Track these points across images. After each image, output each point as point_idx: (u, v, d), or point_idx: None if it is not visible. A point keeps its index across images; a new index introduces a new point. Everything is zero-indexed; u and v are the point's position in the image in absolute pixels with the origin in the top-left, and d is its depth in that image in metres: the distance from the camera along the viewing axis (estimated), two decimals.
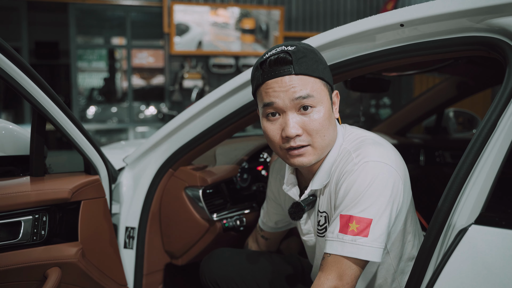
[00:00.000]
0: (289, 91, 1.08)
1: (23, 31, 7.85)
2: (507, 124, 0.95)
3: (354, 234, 1.04)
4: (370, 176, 1.06)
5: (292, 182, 1.29)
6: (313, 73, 1.10)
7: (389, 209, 1.06)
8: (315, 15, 8.87)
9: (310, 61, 1.10)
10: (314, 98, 1.09)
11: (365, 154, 1.09)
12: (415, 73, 2.10)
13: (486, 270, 0.87)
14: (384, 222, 1.05)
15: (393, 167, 1.08)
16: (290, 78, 1.09)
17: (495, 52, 1.07)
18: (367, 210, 1.04)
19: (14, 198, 1.28)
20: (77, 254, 1.39)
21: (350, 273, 1.05)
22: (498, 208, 0.93)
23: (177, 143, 1.70)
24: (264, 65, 1.12)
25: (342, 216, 1.07)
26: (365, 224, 1.04)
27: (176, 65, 8.20)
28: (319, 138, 1.11)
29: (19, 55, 1.22)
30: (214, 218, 1.72)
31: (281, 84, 1.09)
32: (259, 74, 1.13)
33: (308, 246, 1.35)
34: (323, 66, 1.14)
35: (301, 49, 1.11)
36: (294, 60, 1.08)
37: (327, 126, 1.12)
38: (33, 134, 1.37)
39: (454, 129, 2.91)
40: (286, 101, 1.09)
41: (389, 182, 1.06)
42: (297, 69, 1.08)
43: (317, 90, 1.10)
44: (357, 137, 1.18)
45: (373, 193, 1.05)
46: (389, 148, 1.13)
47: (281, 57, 1.09)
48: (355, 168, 1.08)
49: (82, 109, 8.98)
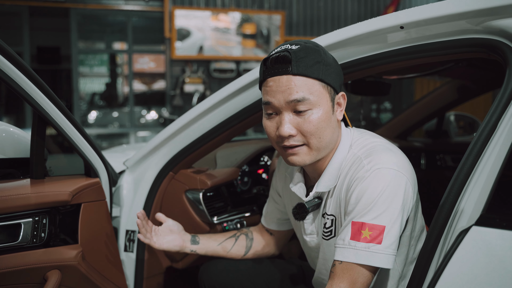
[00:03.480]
0: (285, 92, 1.09)
1: (25, 36, 7.88)
2: (507, 125, 0.95)
3: (367, 242, 1.03)
4: (382, 183, 1.06)
5: (299, 181, 1.29)
6: (311, 74, 1.09)
7: (401, 215, 1.06)
8: (316, 20, 8.90)
9: (310, 62, 1.09)
10: (310, 100, 1.09)
11: (377, 161, 1.09)
12: (416, 76, 2.10)
13: (487, 271, 0.86)
14: (397, 229, 1.05)
15: (405, 174, 1.08)
16: (288, 78, 1.09)
17: (495, 54, 1.07)
18: (380, 217, 1.04)
19: (14, 200, 1.28)
20: (77, 257, 1.39)
21: (362, 280, 1.05)
22: (499, 210, 0.93)
23: (178, 146, 1.70)
24: (267, 61, 1.13)
25: (354, 223, 1.06)
26: (378, 231, 1.03)
27: (177, 70, 8.23)
28: (314, 139, 1.11)
29: (20, 57, 1.23)
30: (215, 221, 1.72)
31: (278, 84, 1.09)
32: (262, 70, 1.15)
33: (308, 247, 1.34)
34: (327, 67, 1.12)
35: (305, 48, 1.10)
36: (293, 60, 1.08)
37: (323, 128, 1.11)
38: (34, 137, 1.37)
39: (455, 133, 2.91)
40: (282, 102, 1.10)
41: (400, 189, 1.06)
42: (295, 69, 1.08)
43: (315, 92, 1.10)
44: (367, 143, 1.17)
45: (386, 200, 1.04)
46: (400, 155, 1.13)
47: (282, 55, 1.09)
48: (366, 175, 1.08)
49: (84, 114, 9.01)
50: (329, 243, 1.22)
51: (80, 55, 8.50)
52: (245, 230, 1.60)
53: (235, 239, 1.55)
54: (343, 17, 9.05)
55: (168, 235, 1.52)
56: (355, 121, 1.22)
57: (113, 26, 9.37)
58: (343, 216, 1.15)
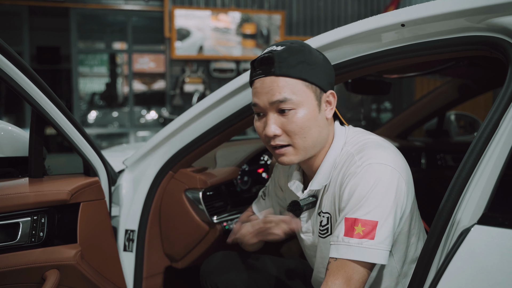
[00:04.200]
0: (269, 94, 1.11)
1: (25, 36, 7.88)
2: (509, 124, 0.94)
3: (360, 237, 1.03)
4: (373, 178, 1.05)
5: (296, 179, 1.30)
6: (294, 74, 1.10)
7: (393, 211, 1.05)
8: (316, 20, 8.90)
9: (294, 62, 1.10)
10: (292, 100, 1.10)
11: (368, 157, 1.09)
12: (416, 75, 2.09)
13: (489, 271, 0.86)
14: (390, 224, 1.04)
15: (396, 169, 1.08)
16: (271, 79, 1.11)
17: (497, 51, 1.07)
18: (372, 212, 1.04)
19: (12, 199, 1.28)
20: (76, 256, 1.38)
21: (358, 277, 1.04)
22: (501, 208, 0.92)
23: (177, 145, 1.70)
24: (254, 63, 1.16)
25: (347, 219, 1.06)
26: (370, 226, 1.03)
27: (177, 70, 8.22)
28: (298, 139, 1.13)
29: (19, 56, 1.22)
30: (215, 221, 1.71)
31: (262, 85, 1.12)
32: (250, 72, 1.18)
33: (305, 245, 1.34)
34: (311, 66, 1.13)
35: (289, 49, 1.12)
36: (276, 61, 1.10)
37: (308, 127, 1.12)
38: (32, 136, 1.36)
39: (456, 132, 2.90)
40: (266, 103, 1.12)
41: (392, 184, 1.06)
42: (278, 70, 1.10)
43: (298, 92, 1.10)
44: (360, 140, 1.17)
45: (378, 195, 1.04)
46: (392, 150, 1.13)
47: (266, 57, 1.12)
48: (358, 171, 1.08)
49: (83, 114, 9.01)
50: (326, 241, 1.22)
51: (80, 55, 8.50)
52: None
53: None
54: (343, 17, 9.05)
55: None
56: (355, 121, 1.22)
57: (113, 26, 9.37)
58: (338, 214, 1.15)
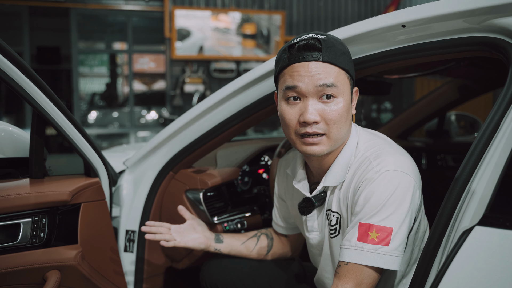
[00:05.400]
0: (314, 77, 1.09)
1: (25, 36, 7.88)
2: (510, 124, 0.94)
3: (374, 243, 1.04)
4: (391, 185, 1.06)
5: (302, 178, 1.29)
6: (339, 63, 1.11)
7: (408, 218, 1.06)
8: (316, 20, 8.90)
9: (338, 52, 1.11)
10: (337, 88, 1.10)
11: (386, 163, 1.10)
12: (417, 75, 2.09)
13: (490, 271, 0.86)
14: (404, 231, 1.06)
15: (412, 177, 1.09)
16: (317, 64, 1.09)
17: (498, 52, 1.07)
18: (388, 219, 1.05)
19: (13, 200, 1.28)
20: (76, 257, 1.38)
21: (368, 281, 1.06)
22: (502, 209, 0.92)
23: (178, 145, 1.70)
24: (293, 48, 1.12)
25: (362, 225, 1.07)
26: (386, 233, 1.04)
27: (177, 70, 8.22)
28: (335, 129, 1.12)
29: (19, 57, 1.22)
30: (215, 221, 1.71)
31: (307, 69, 1.09)
32: (285, 56, 1.13)
33: (310, 244, 1.34)
34: (349, 59, 1.15)
35: (331, 38, 1.12)
36: (323, 48, 1.09)
37: (344, 118, 1.12)
38: (33, 136, 1.36)
39: (456, 133, 2.90)
40: (310, 86, 1.09)
41: (409, 192, 1.07)
42: (325, 56, 1.09)
43: (341, 81, 1.11)
44: (375, 143, 1.18)
45: (394, 202, 1.05)
46: (407, 157, 1.15)
47: (311, 43, 1.10)
48: (375, 176, 1.09)
49: (84, 114, 9.00)
50: (333, 241, 1.22)
51: (80, 55, 8.49)
52: (264, 230, 1.59)
53: (257, 239, 1.55)
54: (343, 17, 9.05)
55: (192, 233, 1.50)
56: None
57: (113, 26, 9.36)
58: (349, 216, 1.15)
